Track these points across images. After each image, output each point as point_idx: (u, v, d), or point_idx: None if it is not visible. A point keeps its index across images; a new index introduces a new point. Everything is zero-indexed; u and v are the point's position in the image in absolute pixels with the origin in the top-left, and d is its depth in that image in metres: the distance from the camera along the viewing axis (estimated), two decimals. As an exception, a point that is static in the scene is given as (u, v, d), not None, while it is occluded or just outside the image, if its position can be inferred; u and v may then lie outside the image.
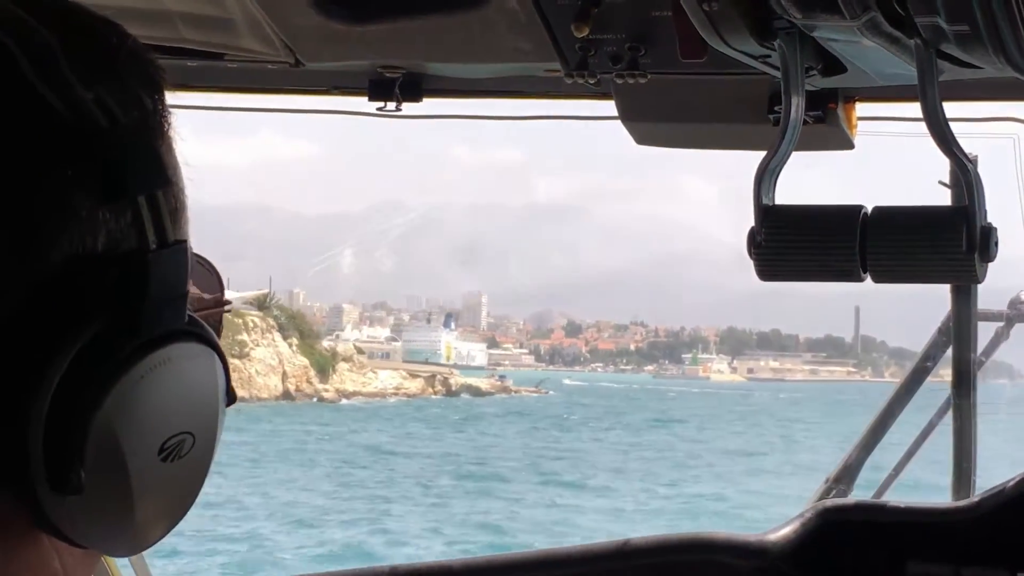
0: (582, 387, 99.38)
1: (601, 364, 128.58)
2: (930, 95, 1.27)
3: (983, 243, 1.18)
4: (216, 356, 0.96)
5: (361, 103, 2.60)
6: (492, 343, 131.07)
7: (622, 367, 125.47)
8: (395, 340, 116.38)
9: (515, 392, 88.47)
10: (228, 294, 1.14)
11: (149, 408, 0.91)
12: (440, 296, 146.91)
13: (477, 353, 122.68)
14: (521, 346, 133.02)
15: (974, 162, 3.11)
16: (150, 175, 0.92)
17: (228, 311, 1.11)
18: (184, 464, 0.95)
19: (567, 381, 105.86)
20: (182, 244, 0.93)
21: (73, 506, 0.90)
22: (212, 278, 1.10)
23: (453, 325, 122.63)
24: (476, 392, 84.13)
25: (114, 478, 0.90)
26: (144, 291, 0.90)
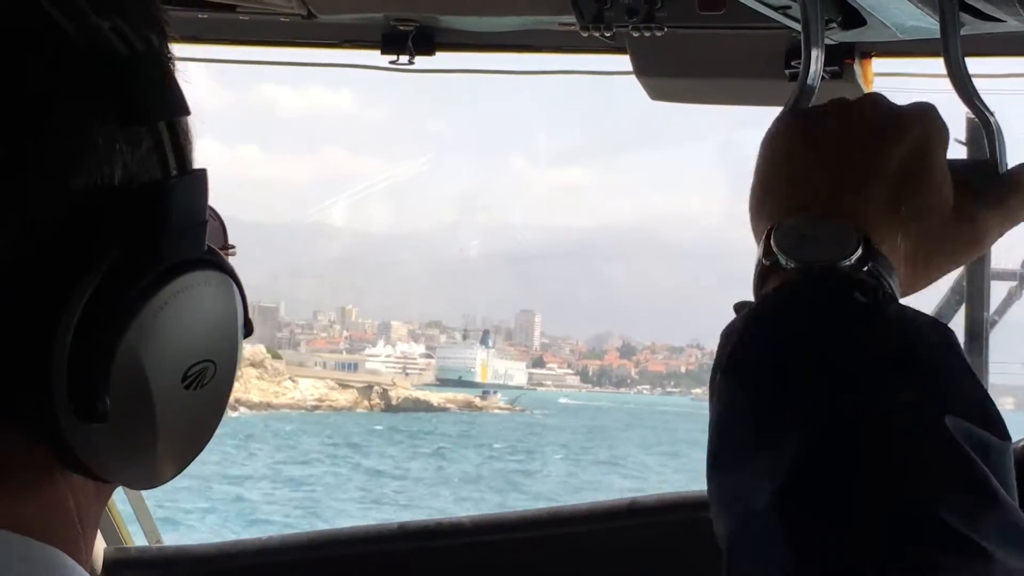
0: (575, 406, 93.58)
1: (648, 386, 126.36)
2: (952, 46, 1.26)
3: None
4: (235, 285, 0.96)
5: (374, 56, 2.59)
6: (538, 363, 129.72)
7: (669, 389, 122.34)
8: (430, 357, 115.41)
9: (480, 409, 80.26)
10: None
11: (172, 335, 0.91)
12: (496, 315, 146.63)
13: (516, 372, 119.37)
14: (569, 366, 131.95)
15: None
16: (169, 102, 0.92)
17: (233, 254, 1.10)
18: (206, 392, 0.95)
19: (563, 400, 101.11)
20: (202, 172, 0.93)
21: (97, 436, 0.89)
22: (215, 222, 1.10)
23: (491, 343, 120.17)
24: (425, 407, 76.13)
25: (139, 406, 0.90)
26: (165, 218, 0.90)
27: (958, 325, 3.87)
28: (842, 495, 0.93)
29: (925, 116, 1.13)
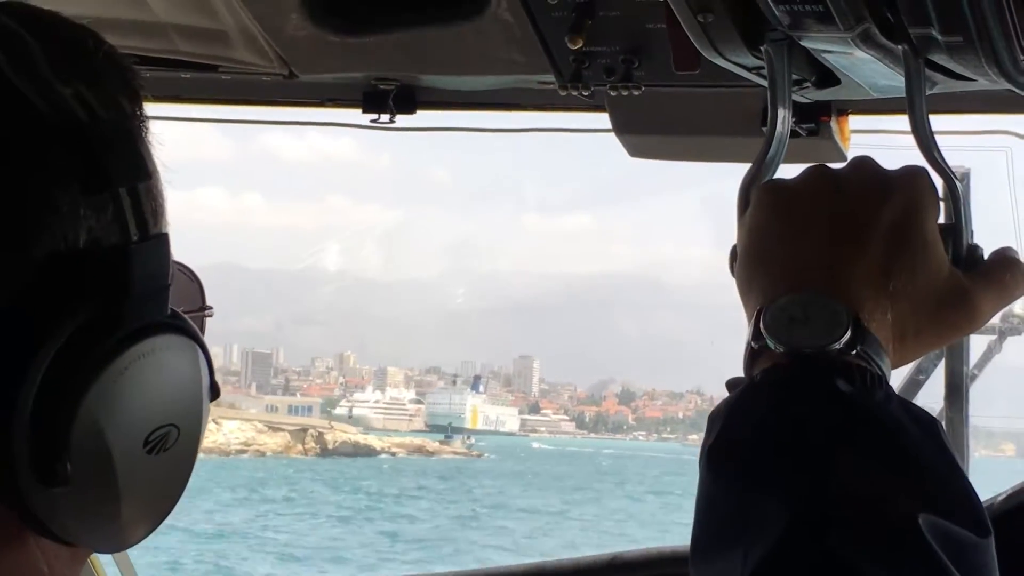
0: (546, 451, 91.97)
1: (644, 432, 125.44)
2: (918, 106, 1.27)
3: (969, 261, 1.17)
4: (199, 349, 0.96)
5: (355, 115, 2.61)
6: (534, 408, 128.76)
7: (665, 435, 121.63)
8: (420, 403, 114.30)
9: (431, 453, 78.20)
10: None
11: (133, 399, 0.92)
12: (496, 361, 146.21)
13: (507, 418, 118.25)
14: (565, 412, 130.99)
15: (965, 177, 3.12)
16: (130, 168, 0.93)
17: (210, 316, 1.11)
18: (170, 457, 0.95)
19: (535, 445, 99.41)
20: (163, 237, 0.94)
21: (59, 500, 0.90)
22: (193, 285, 1.11)
23: (482, 388, 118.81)
24: (366, 451, 73.73)
25: (100, 470, 0.91)
26: (127, 284, 0.91)
27: (939, 378, 3.89)
28: None
29: (914, 180, 1.13)
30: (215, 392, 1.00)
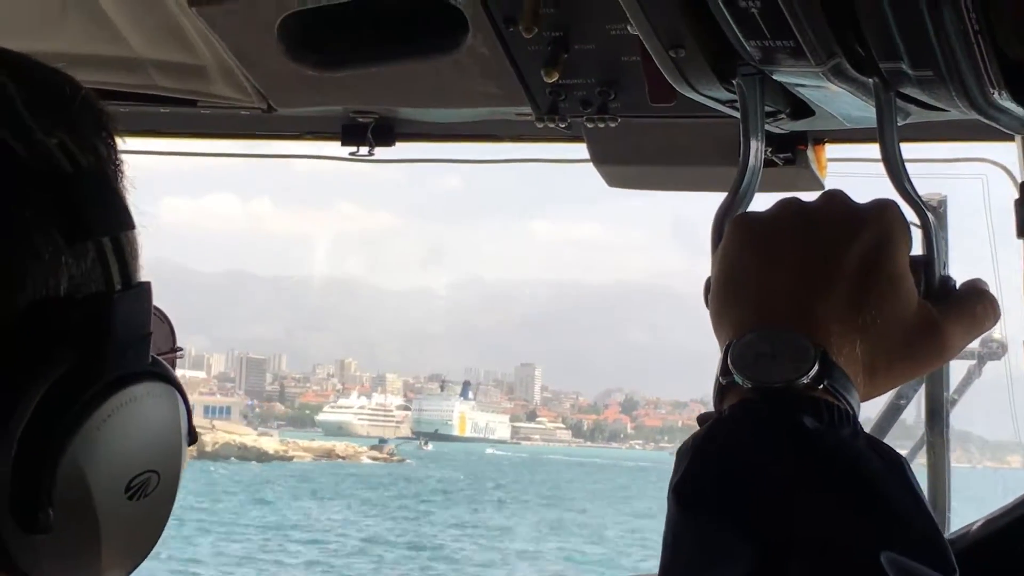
0: (498, 456, 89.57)
1: (641, 440, 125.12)
2: (889, 137, 1.27)
3: (941, 292, 1.18)
4: (178, 395, 0.97)
5: (334, 147, 2.61)
6: (531, 416, 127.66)
7: (662, 444, 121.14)
8: (407, 410, 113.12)
9: (341, 458, 74.83)
10: None
11: (115, 447, 0.92)
12: (498, 369, 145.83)
13: (497, 425, 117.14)
14: (562, 421, 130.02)
15: (941, 204, 3.15)
16: (113, 217, 0.93)
17: (181, 356, 1.12)
18: (150, 502, 0.96)
19: (490, 451, 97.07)
20: (145, 286, 0.94)
21: (40, 547, 0.90)
22: (164, 326, 1.11)
23: (471, 395, 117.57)
24: (258, 456, 70.14)
25: (82, 517, 0.91)
26: (109, 332, 0.91)
27: (919, 402, 3.91)
28: None
29: (885, 213, 1.13)
30: (193, 437, 1.00)
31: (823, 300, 1.07)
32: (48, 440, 0.89)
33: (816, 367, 1.03)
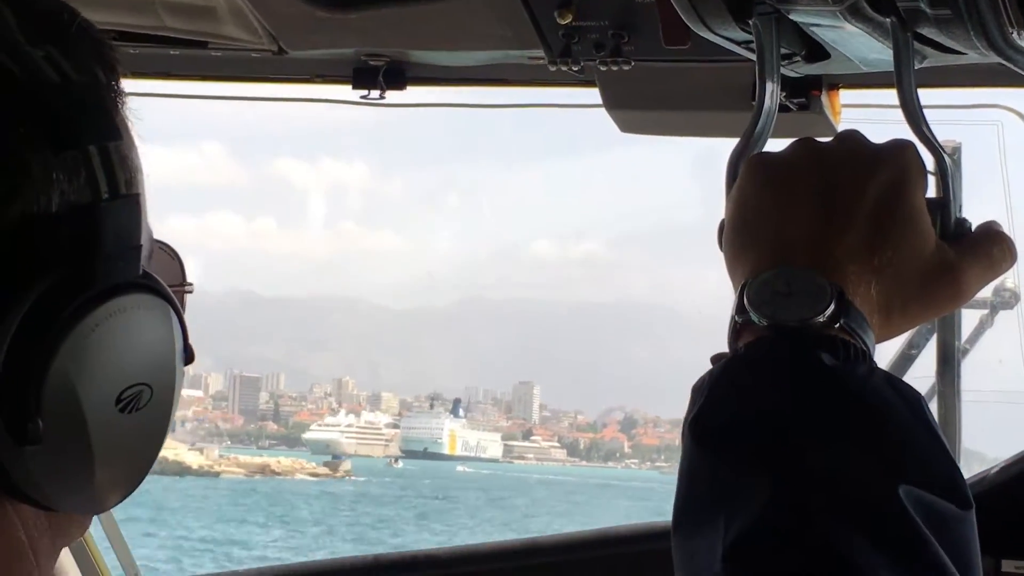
0: (467, 475, 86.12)
1: (637, 460, 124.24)
2: (906, 79, 1.26)
3: (957, 235, 1.17)
4: (171, 310, 0.97)
5: (345, 91, 2.60)
6: (527, 435, 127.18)
7: (659, 463, 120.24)
8: (396, 428, 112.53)
9: (276, 474, 71.20)
10: None
11: (104, 357, 0.92)
12: (497, 388, 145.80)
13: (489, 444, 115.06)
14: (558, 439, 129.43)
15: (956, 151, 3.13)
16: (101, 127, 0.93)
17: (190, 292, 1.11)
18: (143, 416, 0.95)
19: (460, 468, 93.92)
20: (135, 196, 0.94)
21: (32, 459, 0.90)
22: (174, 263, 1.11)
23: (462, 412, 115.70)
24: (175, 470, 66.65)
25: (72, 428, 0.91)
26: (96, 243, 0.91)
27: (931, 351, 3.90)
28: (785, 563, 0.94)
29: (901, 153, 1.12)
30: (189, 356, 1.00)
31: (839, 240, 1.07)
32: (34, 350, 0.89)
33: (833, 306, 1.03)
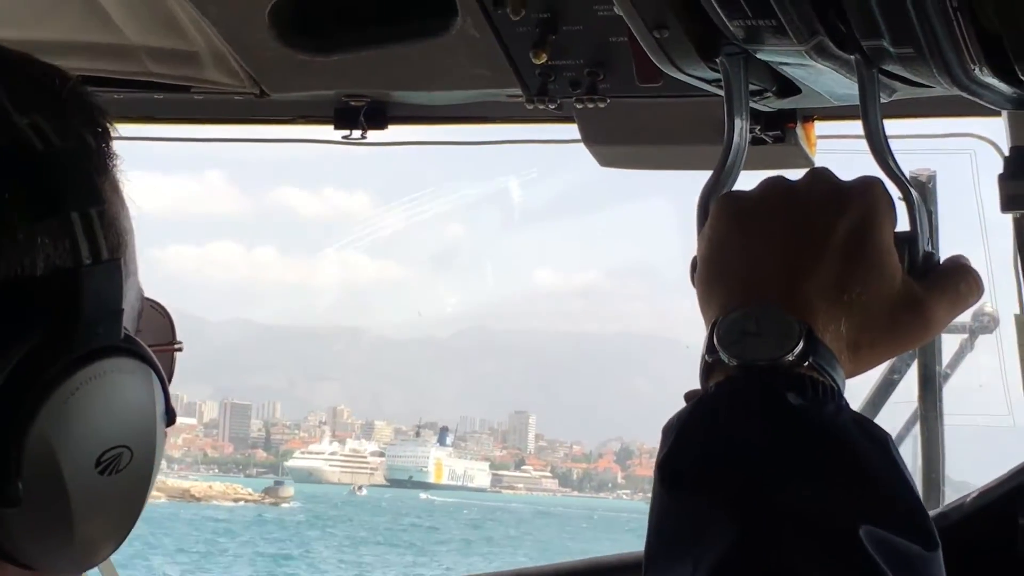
0: (432, 503, 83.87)
1: (629, 490, 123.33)
2: (872, 114, 1.28)
3: (925, 269, 1.19)
4: (152, 373, 0.98)
5: (327, 131, 2.63)
6: (520, 464, 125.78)
7: (649, 495, 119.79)
8: (382, 456, 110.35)
9: (196, 499, 69.50)
10: None
11: (83, 420, 0.93)
12: (494, 418, 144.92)
13: (477, 473, 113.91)
14: (551, 470, 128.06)
15: (931, 179, 3.16)
16: (83, 194, 0.94)
17: (179, 351, 1.13)
18: (123, 478, 0.97)
19: (423, 495, 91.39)
20: (115, 261, 0.96)
21: (12, 520, 0.92)
22: (164, 321, 1.12)
23: (448, 441, 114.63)
24: None
25: (52, 490, 0.93)
26: (77, 307, 0.93)
27: (912, 377, 3.92)
28: None
29: (869, 191, 1.14)
30: (171, 417, 1.01)
31: (808, 278, 1.08)
32: (15, 413, 0.90)
33: (801, 344, 1.04)
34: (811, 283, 1.08)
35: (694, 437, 1.04)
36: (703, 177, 2.46)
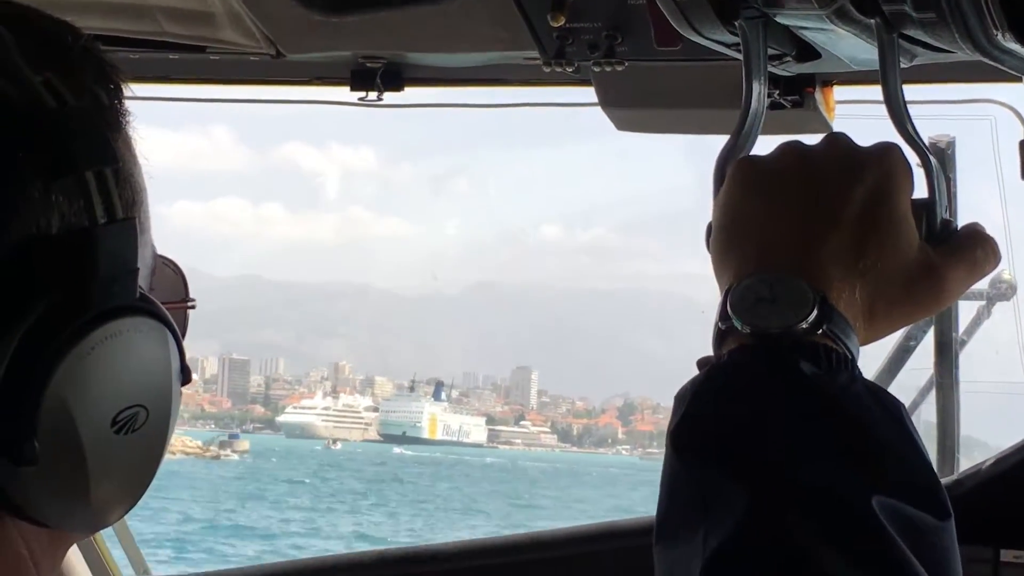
0: (405, 457, 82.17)
1: (629, 446, 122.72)
2: (891, 80, 1.27)
3: (942, 236, 1.18)
4: (168, 332, 0.98)
5: (343, 93, 2.62)
6: (519, 419, 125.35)
7: (650, 449, 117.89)
8: (376, 411, 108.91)
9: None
10: None
11: (99, 380, 0.93)
12: (498, 374, 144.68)
13: (472, 428, 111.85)
14: (551, 425, 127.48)
15: (950, 145, 3.14)
16: (98, 152, 0.94)
17: (193, 308, 1.13)
18: (139, 438, 0.97)
19: (397, 450, 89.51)
20: (131, 220, 0.96)
21: (29, 479, 0.92)
22: (177, 278, 1.12)
23: (444, 396, 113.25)
24: None
25: (68, 450, 0.93)
26: (93, 266, 0.93)
27: (929, 344, 3.91)
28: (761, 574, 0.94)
29: (887, 157, 1.12)
30: (186, 376, 1.01)
31: (823, 245, 1.07)
32: (31, 373, 0.90)
33: (815, 312, 1.03)
34: (826, 249, 1.07)
35: (706, 406, 1.03)
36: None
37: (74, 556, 3.08)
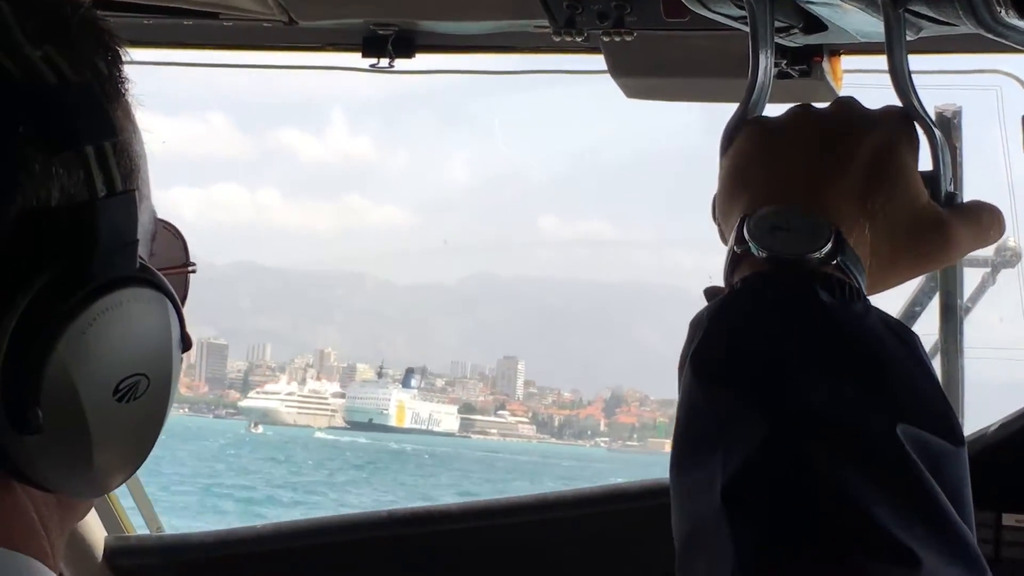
0: (326, 442, 77.83)
1: (608, 438, 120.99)
2: (896, 53, 1.28)
3: (947, 206, 1.20)
4: (168, 302, 1.00)
5: (355, 59, 2.63)
6: (501, 407, 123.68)
7: (628, 442, 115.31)
8: (343, 397, 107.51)
9: None
10: None
11: (101, 350, 0.95)
12: (486, 363, 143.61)
13: (444, 417, 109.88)
14: (531, 415, 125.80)
15: (956, 114, 3.15)
16: (97, 126, 0.95)
17: (193, 271, 1.14)
18: (140, 405, 0.99)
19: (318, 435, 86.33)
20: (130, 193, 0.97)
21: (33, 447, 0.94)
22: (177, 242, 1.13)
23: (414, 383, 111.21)
24: None
25: (71, 418, 0.95)
26: (94, 238, 0.94)
27: (933, 309, 3.92)
28: (783, 499, 0.94)
29: (894, 117, 1.14)
30: (187, 344, 1.03)
31: (834, 185, 1.08)
32: (34, 344, 0.92)
33: (830, 243, 1.04)
34: (836, 188, 1.08)
35: (724, 331, 1.03)
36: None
37: (89, 515, 3.11)
